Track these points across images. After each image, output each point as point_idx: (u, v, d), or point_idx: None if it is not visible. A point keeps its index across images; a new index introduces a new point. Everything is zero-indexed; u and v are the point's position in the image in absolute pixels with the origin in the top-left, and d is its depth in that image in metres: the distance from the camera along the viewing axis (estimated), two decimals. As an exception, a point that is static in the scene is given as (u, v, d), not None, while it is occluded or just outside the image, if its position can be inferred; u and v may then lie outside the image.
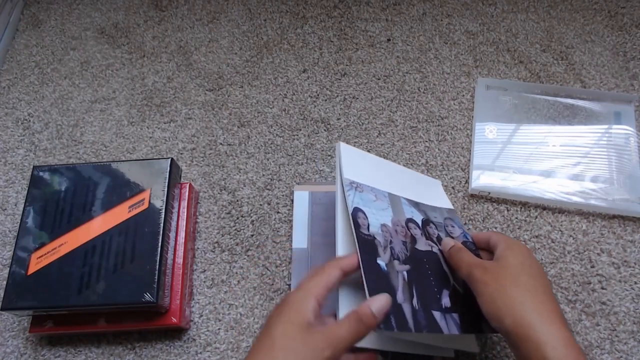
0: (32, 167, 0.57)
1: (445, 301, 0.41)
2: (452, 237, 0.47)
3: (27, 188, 0.54)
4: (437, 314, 0.40)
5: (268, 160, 0.64)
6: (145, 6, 0.81)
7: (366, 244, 0.40)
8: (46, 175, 0.55)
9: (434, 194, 0.54)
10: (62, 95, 0.72)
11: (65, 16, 0.81)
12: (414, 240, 0.45)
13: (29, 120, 0.70)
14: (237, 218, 0.60)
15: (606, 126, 0.62)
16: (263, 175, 0.63)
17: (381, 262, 0.40)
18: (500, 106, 0.65)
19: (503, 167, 0.60)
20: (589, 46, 0.71)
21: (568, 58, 0.70)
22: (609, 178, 0.58)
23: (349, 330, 0.35)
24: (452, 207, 0.53)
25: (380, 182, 0.47)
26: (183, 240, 0.55)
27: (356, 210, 0.42)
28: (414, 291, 0.40)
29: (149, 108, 0.70)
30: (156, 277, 0.48)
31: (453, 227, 0.50)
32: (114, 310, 0.50)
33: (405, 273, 0.41)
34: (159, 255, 0.49)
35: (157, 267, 0.49)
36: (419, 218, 0.48)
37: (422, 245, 0.45)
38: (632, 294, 0.53)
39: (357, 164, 0.47)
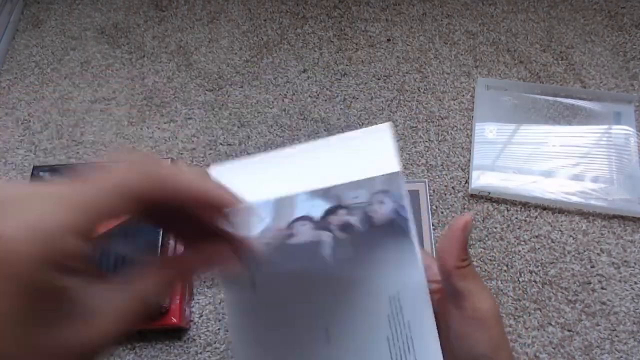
0: (32, 167, 0.57)
1: None
2: (373, 218, 0.36)
3: (27, 188, 0.54)
4: None
5: (268, 160, 0.64)
6: (145, 6, 0.81)
7: None
8: (46, 175, 0.55)
9: (364, 161, 0.39)
10: (62, 95, 0.72)
11: (65, 16, 0.81)
12: (289, 237, 0.36)
13: (29, 120, 0.70)
14: (237, 218, 0.60)
15: (606, 126, 0.62)
16: (263, 175, 0.63)
17: None
18: (500, 106, 0.65)
19: (503, 167, 0.60)
20: (589, 46, 0.71)
21: (568, 58, 0.70)
22: (609, 178, 0.58)
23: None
24: (396, 168, 0.36)
25: (264, 190, 0.38)
26: (183, 240, 0.55)
27: None
28: None
29: (149, 108, 0.70)
30: (156, 277, 0.48)
31: (382, 203, 0.37)
32: (114, 310, 0.50)
33: None
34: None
35: (157, 267, 0.49)
36: (321, 209, 0.38)
37: (304, 236, 0.36)
38: (632, 294, 0.53)
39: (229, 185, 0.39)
